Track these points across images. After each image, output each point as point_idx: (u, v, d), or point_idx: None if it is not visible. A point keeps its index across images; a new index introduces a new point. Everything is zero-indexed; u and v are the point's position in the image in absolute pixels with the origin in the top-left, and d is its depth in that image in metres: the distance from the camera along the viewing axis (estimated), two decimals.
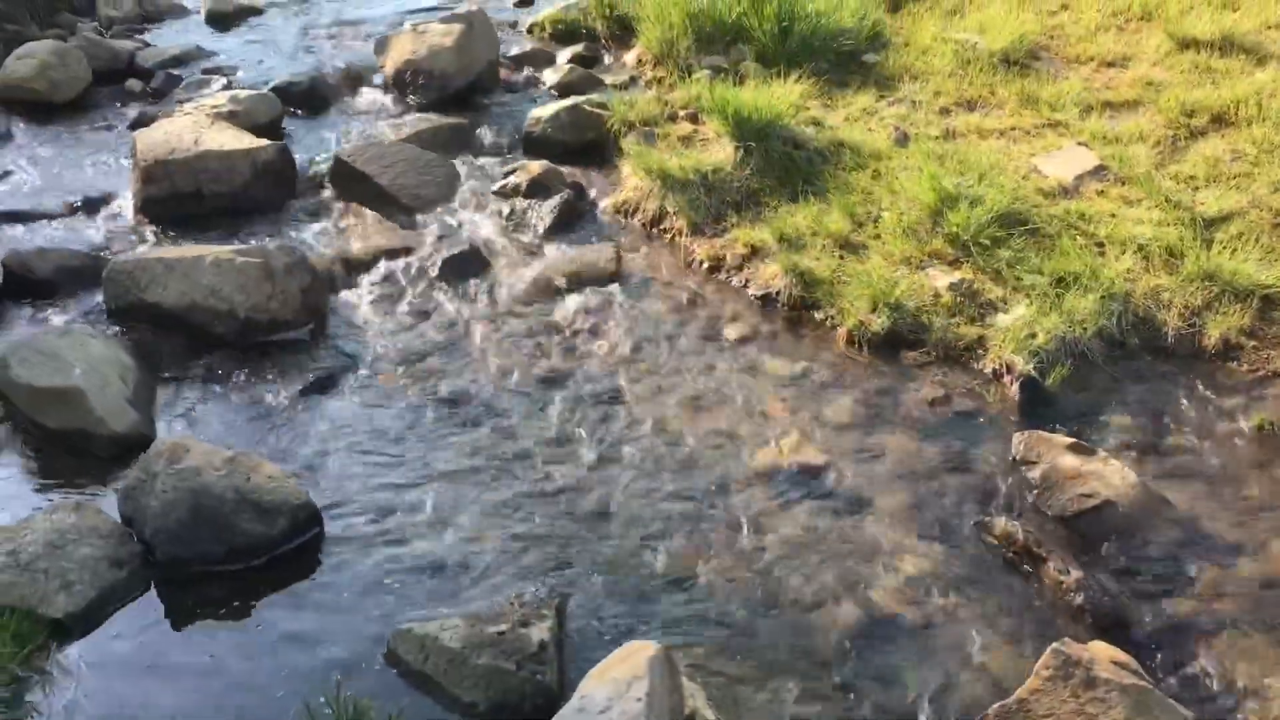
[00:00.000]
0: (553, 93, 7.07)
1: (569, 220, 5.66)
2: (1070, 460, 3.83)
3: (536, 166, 5.97)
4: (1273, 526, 3.67)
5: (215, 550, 3.60)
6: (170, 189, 5.66)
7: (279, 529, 3.66)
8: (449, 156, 6.22)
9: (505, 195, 5.87)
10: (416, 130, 6.45)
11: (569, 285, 5.15)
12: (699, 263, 5.27)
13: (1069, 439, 3.95)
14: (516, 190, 5.86)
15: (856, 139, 5.81)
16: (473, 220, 5.71)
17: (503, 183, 5.94)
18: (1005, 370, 4.37)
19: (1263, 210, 4.96)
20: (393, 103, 7.01)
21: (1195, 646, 3.27)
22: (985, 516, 3.75)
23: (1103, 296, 4.55)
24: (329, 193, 5.98)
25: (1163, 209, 5.04)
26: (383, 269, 5.28)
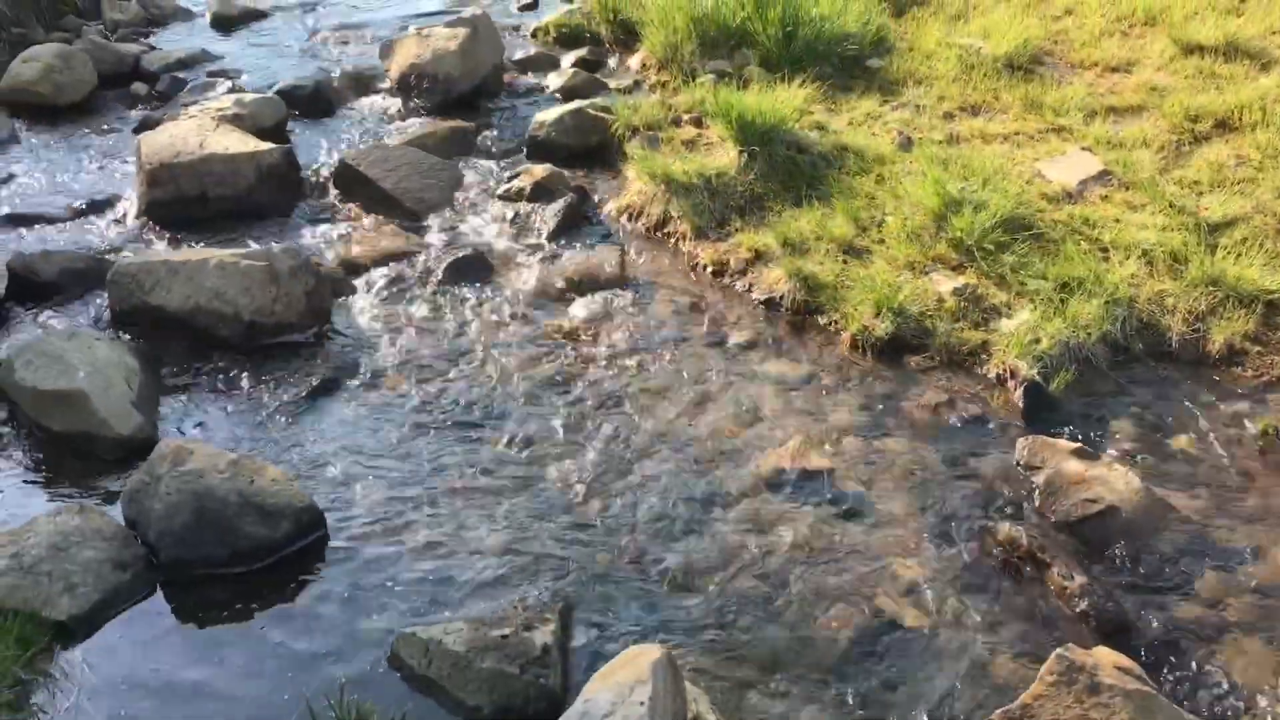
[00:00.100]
0: (557, 97, 7.09)
1: (573, 224, 5.67)
2: (1074, 465, 3.83)
3: (540, 170, 5.98)
4: (1277, 532, 3.67)
5: (219, 553, 3.60)
6: (175, 192, 5.67)
7: (282, 532, 3.66)
8: (453, 160, 6.24)
9: (509, 199, 5.87)
10: (421, 134, 6.47)
11: (573, 289, 5.16)
12: (703, 267, 5.28)
13: (1073, 444, 3.95)
14: (520, 194, 5.86)
15: (860, 143, 5.81)
16: (477, 224, 5.72)
17: (507, 186, 5.95)
18: (1009, 375, 4.37)
19: (1267, 215, 4.95)
20: (397, 106, 7.02)
21: (1199, 652, 3.26)
22: (989, 521, 3.74)
23: (1107, 302, 4.55)
24: (333, 196, 5.99)
25: (1167, 214, 5.04)
26: (387, 272, 5.28)
